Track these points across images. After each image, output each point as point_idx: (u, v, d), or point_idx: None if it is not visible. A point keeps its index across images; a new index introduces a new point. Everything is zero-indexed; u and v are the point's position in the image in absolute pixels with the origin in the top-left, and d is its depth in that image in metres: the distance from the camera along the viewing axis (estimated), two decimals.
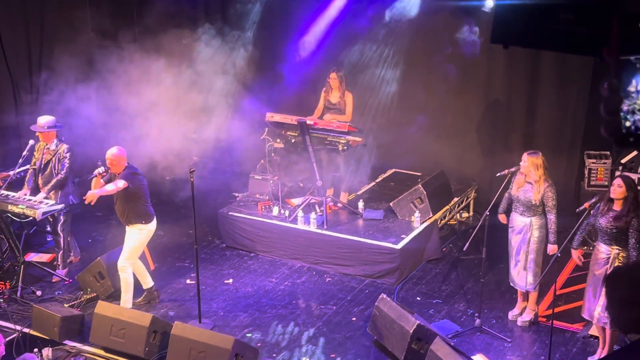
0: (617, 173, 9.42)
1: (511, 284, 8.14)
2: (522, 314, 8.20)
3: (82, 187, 9.26)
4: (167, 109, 10.21)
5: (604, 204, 7.15)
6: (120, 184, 7.95)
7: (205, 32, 10.67)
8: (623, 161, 9.66)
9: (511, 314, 8.25)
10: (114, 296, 8.58)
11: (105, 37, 10.88)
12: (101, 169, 8.05)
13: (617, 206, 7.05)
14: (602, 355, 7.29)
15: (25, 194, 8.82)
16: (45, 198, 8.72)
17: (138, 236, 8.17)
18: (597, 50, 2.23)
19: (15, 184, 9.21)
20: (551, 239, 7.76)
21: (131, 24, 10.56)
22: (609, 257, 7.11)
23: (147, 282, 8.56)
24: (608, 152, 10.00)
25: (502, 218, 8.18)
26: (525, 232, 7.83)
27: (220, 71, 10.40)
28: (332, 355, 7.63)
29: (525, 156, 7.71)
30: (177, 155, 10.14)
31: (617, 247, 7.06)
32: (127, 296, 8.25)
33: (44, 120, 8.85)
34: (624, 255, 7.03)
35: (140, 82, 10.35)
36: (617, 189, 7.02)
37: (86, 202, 7.97)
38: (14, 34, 10.94)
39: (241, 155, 10.60)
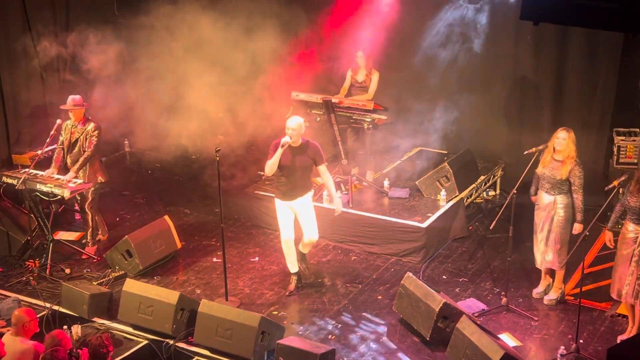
0: None
1: (536, 263, 8.09)
2: (546, 291, 8.15)
3: (107, 167, 9.33)
4: (195, 88, 10.22)
5: (634, 182, 7.06)
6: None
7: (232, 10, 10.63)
8: None
9: (535, 292, 8.21)
10: (142, 274, 8.67)
11: (132, 16, 10.88)
12: (288, 139, 7.80)
13: None
14: (632, 334, 7.24)
15: (53, 173, 8.90)
16: (74, 178, 8.79)
17: (311, 202, 8.25)
18: (629, 26, 2.19)
19: (44, 163, 9.30)
20: (578, 218, 7.70)
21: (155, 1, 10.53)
22: (638, 237, 7.04)
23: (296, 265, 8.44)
24: (637, 130, 9.87)
25: (534, 199, 8.07)
26: (549, 209, 7.77)
27: (247, 50, 10.37)
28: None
29: (564, 133, 7.61)
30: (203, 133, 10.17)
31: None
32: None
33: (75, 99, 8.93)
34: None
35: (167, 61, 10.38)
36: None
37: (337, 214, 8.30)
38: (41, 15, 10.99)
39: (267, 134, 10.58)
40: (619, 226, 7.47)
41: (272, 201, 9.79)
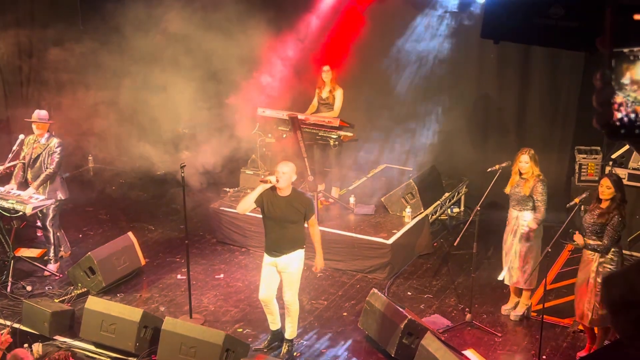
0: (608, 168, 9.44)
1: (502, 280, 8.15)
2: (515, 307, 8.21)
3: (70, 183, 9.23)
4: (159, 103, 10.17)
5: (593, 202, 7.15)
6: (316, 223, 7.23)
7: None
8: (613, 156, 9.68)
9: (504, 308, 8.26)
10: (105, 291, 8.56)
11: (96, 31, 10.83)
12: (273, 178, 6.97)
13: (604, 204, 7.05)
14: (592, 350, 7.30)
15: (12, 188, 8.77)
16: (35, 193, 8.67)
17: (301, 262, 7.26)
18: (588, 45, 2.22)
19: (5, 179, 9.17)
20: (532, 225, 7.73)
21: (120, 17, 10.50)
22: (596, 256, 7.07)
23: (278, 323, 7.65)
24: (598, 148, 10.02)
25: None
26: (514, 225, 7.85)
27: (214, 65, 10.36)
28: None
29: (526, 156, 7.67)
30: (168, 149, 10.11)
31: None
32: (295, 325, 7.52)
33: (40, 113, 8.84)
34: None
35: (130, 75, 10.32)
36: (606, 190, 6.99)
37: (317, 272, 7.62)
38: (4, 27, 10.89)
39: (232, 150, 10.57)
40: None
41: (237, 217, 9.81)
